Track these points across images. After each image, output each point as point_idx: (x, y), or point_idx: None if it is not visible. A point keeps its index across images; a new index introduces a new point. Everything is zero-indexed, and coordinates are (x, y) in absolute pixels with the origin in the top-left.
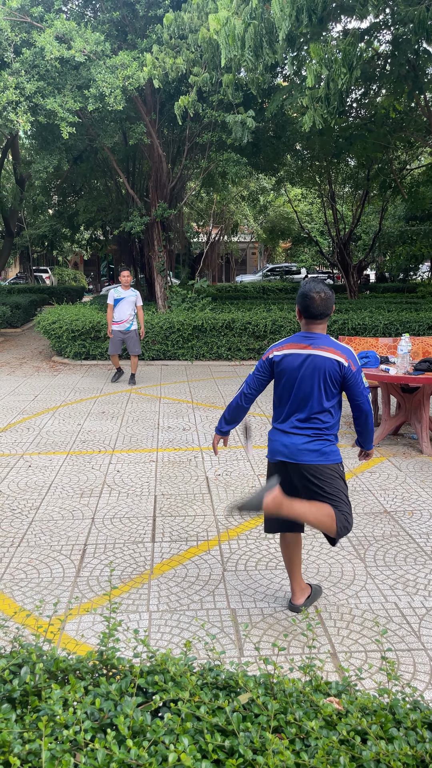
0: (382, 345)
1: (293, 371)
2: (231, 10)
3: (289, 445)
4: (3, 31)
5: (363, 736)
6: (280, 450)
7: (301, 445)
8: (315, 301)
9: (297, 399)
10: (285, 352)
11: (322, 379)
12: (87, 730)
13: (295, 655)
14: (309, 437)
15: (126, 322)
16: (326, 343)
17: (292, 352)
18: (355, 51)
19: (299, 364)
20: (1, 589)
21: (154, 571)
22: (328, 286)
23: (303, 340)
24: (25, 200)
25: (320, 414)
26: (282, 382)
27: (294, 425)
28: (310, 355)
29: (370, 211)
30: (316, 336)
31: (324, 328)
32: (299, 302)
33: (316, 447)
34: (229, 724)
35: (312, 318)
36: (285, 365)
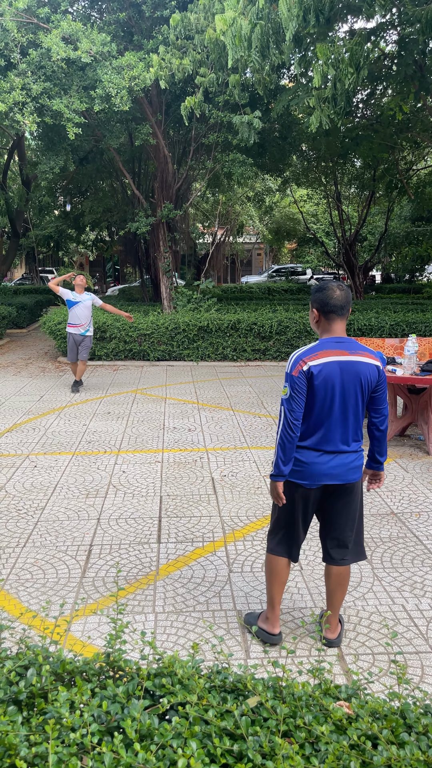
0: (389, 346)
1: (335, 381)
2: (238, 11)
3: (338, 466)
4: (9, 32)
5: (374, 740)
6: (327, 473)
7: (351, 464)
8: (335, 292)
9: (341, 413)
10: (323, 360)
11: (365, 388)
12: (94, 733)
13: (302, 657)
14: (356, 452)
15: (82, 327)
16: (361, 347)
17: (330, 360)
18: (362, 51)
19: (340, 372)
20: (7, 589)
21: (160, 573)
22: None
23: (337, 345)
24: (31, 201)
25: (357, 426)
26: (321, 395)
27: (341, 443)
28: (351, 362)
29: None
30: (348, 340)
31: (344, 329)
32: (317, 299)
33: (360, 462)
34: (237, 728)
35: (333, 312)
36: (325, 376)
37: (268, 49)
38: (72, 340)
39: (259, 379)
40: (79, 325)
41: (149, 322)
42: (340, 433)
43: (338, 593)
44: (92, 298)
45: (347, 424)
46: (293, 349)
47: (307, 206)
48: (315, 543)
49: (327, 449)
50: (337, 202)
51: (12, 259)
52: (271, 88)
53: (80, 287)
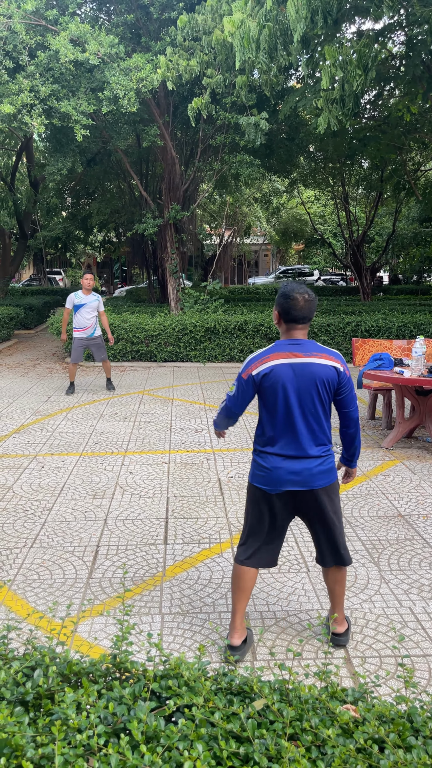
0: (397, 347)
1: (287, 383)
2: (245, 12)
3: (301, 471)
4: (18, 34)
5: (380, 744)
6: (288, 479)
7: (315, 469)
8: (299, 303)
9: (299, 416)
10: (273, 363)
11: (321, 389)
12: (100, 735)
13: (309, 660)
14: (320, 458)
15: (89, 329)
16: (317, 348)
17: (281, 362)
18: (370, 52)
19: (292, 375)
20: (14, 589)
21: (167, 574)
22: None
23: (290, 347)
24: (38, 203)
25: (321, 428)
26: (273, 398)
27: (301, 447)
28: (304, 363)
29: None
30: (303, 342)
31: (306, 335)
32: (280, 304)
33: (327, 466)
34: (243, 730)
35: (294, 321)
36: (275, 379)
37: (276, 50)
38: (78, 344)
39: None
40: (85, 329)
41: (156, 323)
42: (300, 438)
43: (337, 589)
44: (98, 300)
45: (307, 427)
46: None
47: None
48: None
49: (288, 454)
50: (344, 203)
51: (20, 261)
52: (279, 90)
53: (87, 289)
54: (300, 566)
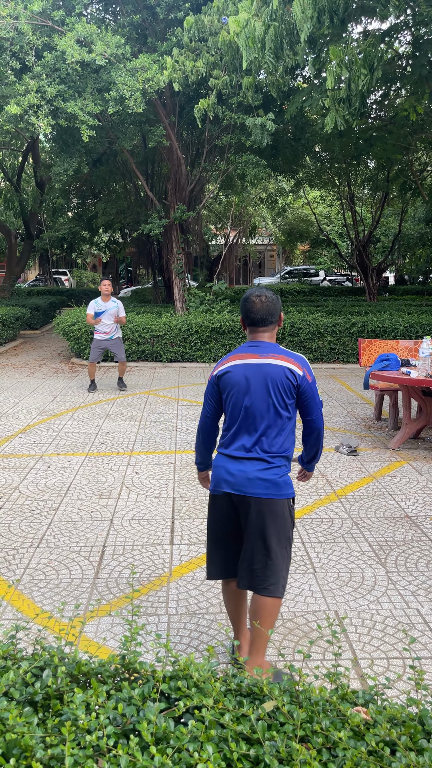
0: (403, 348)
1: (240, 384)
2: (251, 12)
3: (236, 473)
4: (25, 35)
5: (392, 747)
6: (225, 479)
7: (252, 473)
8: (255, 305)
9: (247, 416)
10: (230, 364)
11: (274, 391)
12: (110, 736)
13: (316, 661)
14: (262, 462)
15: (110, 333)
16: (275, 350)
17: (238, 363)
18: (375, 52)
19: (246, 375)
20: (21, 589)
21: (173, 574)
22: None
23: (249, 349)
24: (44, 203)
25: (274, 434)
26: (229, 398)
27: (243, 448)
28: (257, 364)
29: (390, 213)
30: (263, 344)
31: (272, 337)
32: (241, 308)
33: (270, 476)
34: (254, 732)
35: (253, 324)
36: (230, 379)
37: (282, 50)
38: (96, 344)
39: None
40: (106, 333)
41: (162, 324)
42: (245, 437)
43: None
44: (118, 306)
45: (255, 429)
46: (306, 351)
47: (320, 208)
48: (328, 546)
49: (229, 453)
50: (350, 203)
51: (26, 261)
52: (285, 90)
53: (106, 296)
54: (306, 567)
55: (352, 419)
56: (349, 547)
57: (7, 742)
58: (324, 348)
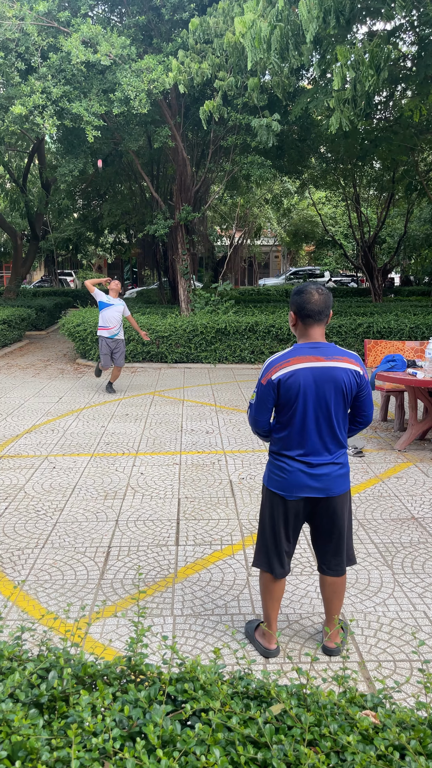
0: (409, 348)
1: (307, 390)
2: (257, 13)
3: (321, 477)
4: (30, 36)
5: (401, 751)
6: (307, 485)
7: (334, 474)
8: (313, 296)
9: (319, 421)
10: (294, 368)
11: (341, 394)
12: (116, 739)
13: (323, 663)
14: (338, 464)
15: (114, 329)
16: (339, 352)
17: (303, 366)
18: (382, 52)
19: (315, 380)
20: (26, 590)
21: (178, 575)
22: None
23: (311, 351)
24: (50, 204)
25: (341, 434)
26: (293, 403)
27: (321, 453)
28: (326, 368)
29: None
30: (324, 345)
31: (323, 336)
32: (294, 302)
33: (344, 472)
34: (261, 735)
35: (310, 317)
36: (295, 383)
37: (288, 50)
38: (105, 345)
39: None
40: (110, 328)
41: (167, 325)
42: (320, 442)
43: (335, 602)
44: (124, 305)
45: (326, 432)
46: None
47: (326, 208)
48: None
49: (306, 459)
50: (355, 204)
51: (31, 262)
52: (290, 91)
53: (114, 291)
54: (312, 569)
55: None
56: (355, 548)
57: (12, 744)
58: None
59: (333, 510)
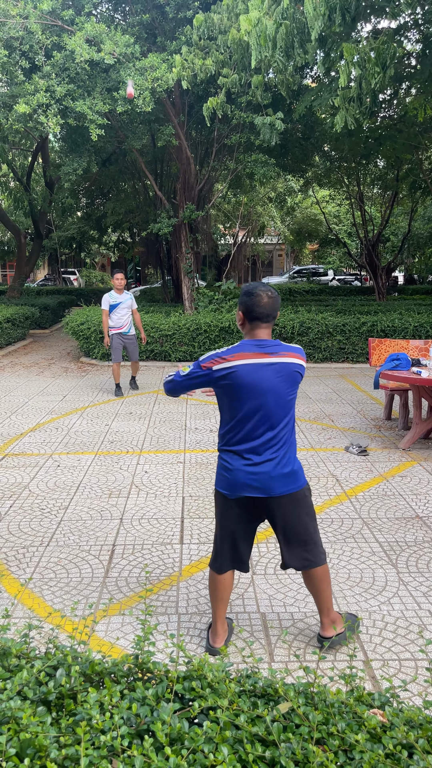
0: (414, 347)
1: (252, 385)
2: (262, 11)
3: (260, 475)
4: (34, 35)
5: (409, 750)
6: (248, 484)
7: (275, 473)
8: (263, 300)
9: (262, 415)
10: (235, 363)
11: (288, 389)
12: (124, 736)
13: (328, 662)
14: (279, 463)
15: (125, 327)
16: (282, 348)
17: (245, 362)
18: (388, 50)
19: (259, 376)
20: (31, 588)
21: (183, 573)
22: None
23: (255, 348)
24: (54, 203)
25: (285, 432)
26: (239, 397)
27: (261, 451)
28: (270, 363)
29: (399, 213)
30: (268, 342)
31: (270, 335)
32: (243, 302)
33: (288, 471)
34: (269, 734)
35: (259, 320)
36: (239, 378)
37: (293, 48)
38: (117, 340)
39: None
40: (121, 327)
41: (171, 323)
42: (259, 441)
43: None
44: (131, 298)
45: (267, 430)
46: (315, 350)
47: (330, 207)
48: (338, 546)
49: (248, 457)
50: (359, 202)
51: (35, 261)
52: (294, 89)
53: (119, 289)
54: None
55: (362, 419)
56: (360, 547)
57: (21, 741)
58: (333, 347)
59: (283, 510)
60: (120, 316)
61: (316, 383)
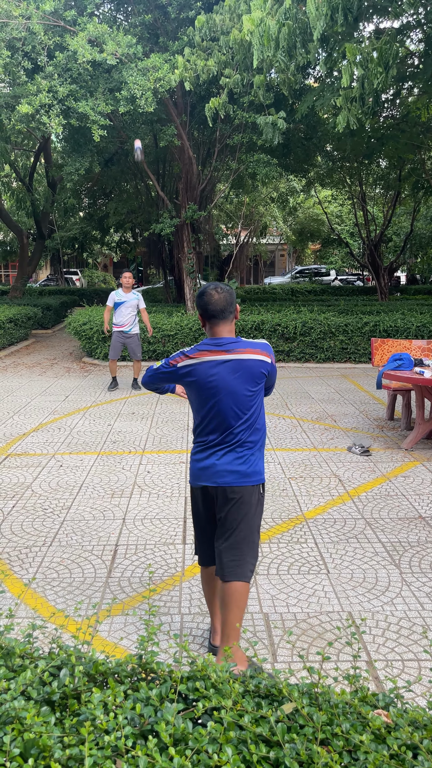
0: (416, 347)
1: (213, 381)
2: (264, 11)
3: (211, 466)
4: (37, 35)
5: (414, 751)
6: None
7: (228, 465)
8: (212, 297)
9: (222, 412)
10: (196, 361)
11: (248, 384)
12: (128, 737)
13: (332, 662)
14: (232, 455)
15: (127, 325)
16: (244, 345)
17: (206, 359)
18: (390, 50)
19: (219, 372)
20: (34, 588)
21: (186, 574)
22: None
23: (215, 347)
24: (56, 203)
25: (244, 426)
26: (201, 394)
27: (219, 444)
28: (225, 361)
29: (402, 213)
30: (227, 340)
31: (231, 331)
32: (197, 304)
33: (245, 468)
34: (273, 734)
35: (213, 317)
36: (200, 375)
37: (295, 48)
38: (116, 339)
39: (282, 380)
40: (123, 325)
41: (173, 323)
42: (223, 432)
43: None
44: (138, 298)
45: (225, 425)
46: (318, 350)
47: (332, 207)
48: (341, 546)
49: (207, 450)
50: (362, 202)
51: (37, 261)
52: (296, 89)
53: (126, 287)
54: (320, 567)
55: (364, 419)
56: (363, 547)
57: (25, 741)
58: (336, 347)
59: (231, 503)
60: (123, 314)
61: (319, 383)
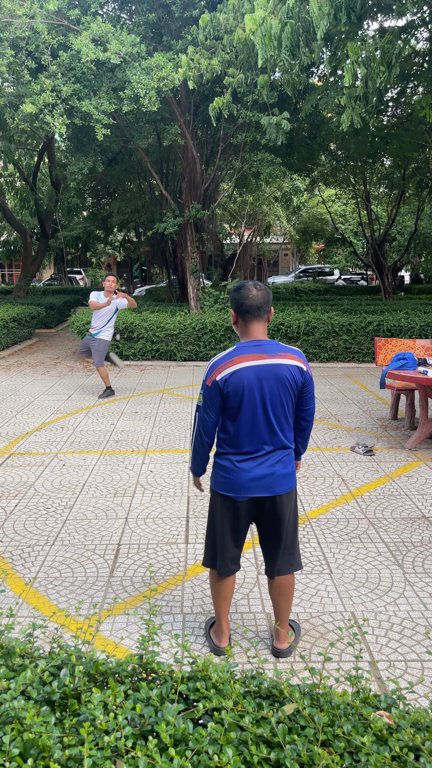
0: (420, 347)
1: (252, 388)
2: (267, 10)
3: (266, 476)
4: (40, 34)
5: (416, 752)
6: (252, 485)
7: (278, 474)
8: (251, 292)
9: (263, 420)
10: (237, 367)
11: (285, 391)
12: (128, 737)
13: (334, 663)
14: (282, 463)
15: (96, 329)
16: (281, 349)
17: (245, 365)
18: (393, 49)
19: (258, 378)
20: (36, 587)
21: (188, 573)
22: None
23: (254, 349)
24: (60, 202)
25: (287, 432)
26: (239, 403)
27: (265, 452)
28: (269, 365)
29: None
30: (266, 342)
31: (264, 332)
32: (233, 299)
33: (289, 471)
34: (274, 735)
35: (249, 313)
36: (239, 383)
37: (298, 48)
38: (86, 337)
39: None
40: (93, 327)
41: (176, 323)
42: (262, 442)
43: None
44: (116, 304)
45: (270, 432)
46: (321, 350)
47: (336, 206)
48: (344, 546)
49: (251, 459)
50: (365, 201)
51: (41, 260)
52: (300, 88)
53: (108, 291)
54: (323, 567)
55: (367, 419)
56: (366, 547)
57: (24, 741)
58: (339, 347)
59: (278, 509)
60: (97, 315)
61: (322, 383)
